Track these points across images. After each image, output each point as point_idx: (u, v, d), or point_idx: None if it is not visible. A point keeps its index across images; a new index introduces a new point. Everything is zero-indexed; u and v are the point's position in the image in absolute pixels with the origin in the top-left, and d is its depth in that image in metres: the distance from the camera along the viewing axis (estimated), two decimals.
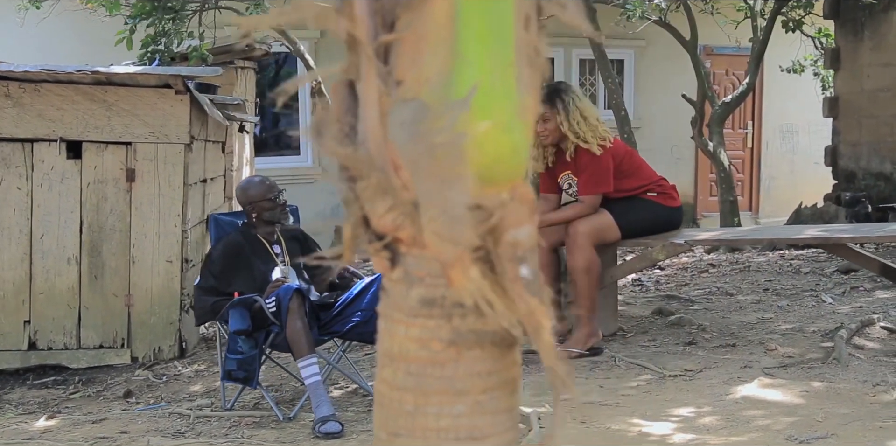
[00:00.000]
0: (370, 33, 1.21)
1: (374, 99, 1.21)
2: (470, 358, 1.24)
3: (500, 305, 1.18)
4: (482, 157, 1.18)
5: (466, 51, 1.18)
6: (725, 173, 10.22)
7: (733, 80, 12.87)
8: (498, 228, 1.19)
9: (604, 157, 4.56)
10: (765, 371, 4.09)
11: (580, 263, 4.51)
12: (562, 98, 4.58)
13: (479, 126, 1.17)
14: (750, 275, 7.03)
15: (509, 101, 1.20)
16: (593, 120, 4.56)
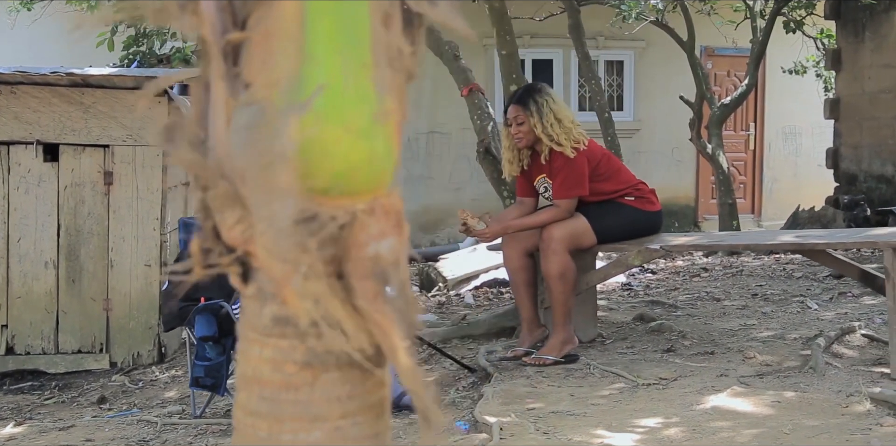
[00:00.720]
0: (217, 31, 1.12)
1: (221, 102, 1.13)
2: (327, 380, 1.15)
3: (350, 325, 1.10)
4: (334, 165, 1.10)
5: (315, 51, 1.09)
6: (724, 176, 10.12)
7: (735, 81, 12.74)
8: (352, 242, 1.11)
9: (578, 160, 4.47)
10: (740, 380, 3.99)
11: (554, 269, 4.42)
12: (535, 99, 4.49)
13: (329, 132, 1.08)
14: (741, 279, 6.92)
15: (365, 104, 1.11)
16: (567, 122, 4.47)
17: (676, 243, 4.49)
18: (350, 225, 1.10)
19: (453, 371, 4.77)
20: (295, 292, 1.04)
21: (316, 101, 1.08)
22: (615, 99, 12.55)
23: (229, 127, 1.11)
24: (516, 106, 4.55)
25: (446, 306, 6.77)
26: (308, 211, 1.03)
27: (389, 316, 1.12)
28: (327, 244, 1.10)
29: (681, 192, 12.82)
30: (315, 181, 1.10)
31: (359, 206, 1.11)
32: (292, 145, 1.01)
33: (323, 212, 1.05)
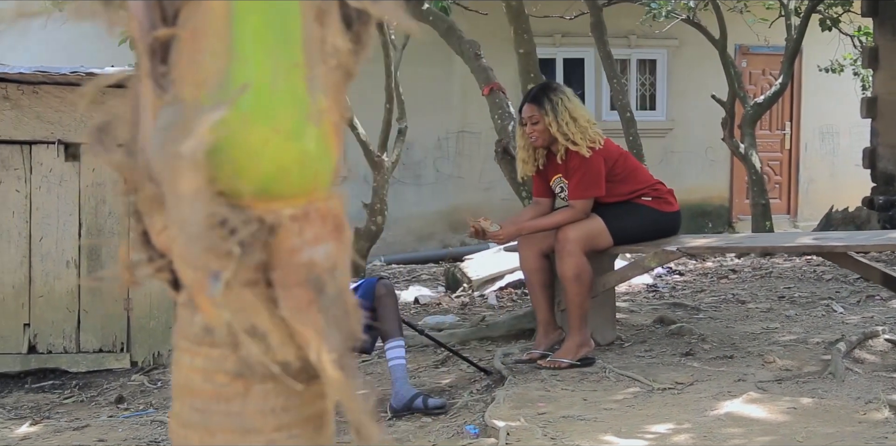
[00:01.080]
0: (144, 28, 1.08)
1: (148, 101, 1.09)
2: (260, 391, 1.10)
3: (276, 337, 1.05)
4: (262, 167, 1.05)
5: (242, 48, 1.05)
6: (757, 176, 9.98)
7: (770, 79, 12.56)
8: (282, 248, 1.06)
9: (595, 160, 4.39)
10: (757, 385, 3.90)
11: (569, 271, 4.35)
12: (550, 98, 4.42)
13: (257, 132, 1.04)
14: (770, 281, 6.81)
15: (295, 104, 1.06)
16: (583, 121, 4.40)
17: (693, 245, 4.41)
18: (279, 230, 1.05)
19: (469, 373, 4.72)
20: (209, 300, 1.00)
21: (242, 100, 1.03)
22: (648, 98, 12.44)
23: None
24: (531, 105, 4.48)
25: (469, 307, 6.73)
26: (219, 215, 0.98)
27: (318, 326, 1.07)
28: (256, 250, 1.06)
29: (714, 193, 12.67)
30: (243, 183, 1.05)
31: (289, 210, 1.06)
32: (201, 146, 0.97)
33: (238, 217, 1.00)
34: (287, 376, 1.10)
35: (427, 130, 11.37)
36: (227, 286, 1.02)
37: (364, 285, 4.37)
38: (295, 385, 1.09)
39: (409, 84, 10.37)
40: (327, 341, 1.10)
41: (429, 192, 11.54)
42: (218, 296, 1.00)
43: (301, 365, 1.12)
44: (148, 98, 1.09)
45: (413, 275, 9.27)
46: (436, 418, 4.06)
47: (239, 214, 1.00)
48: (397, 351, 4.28)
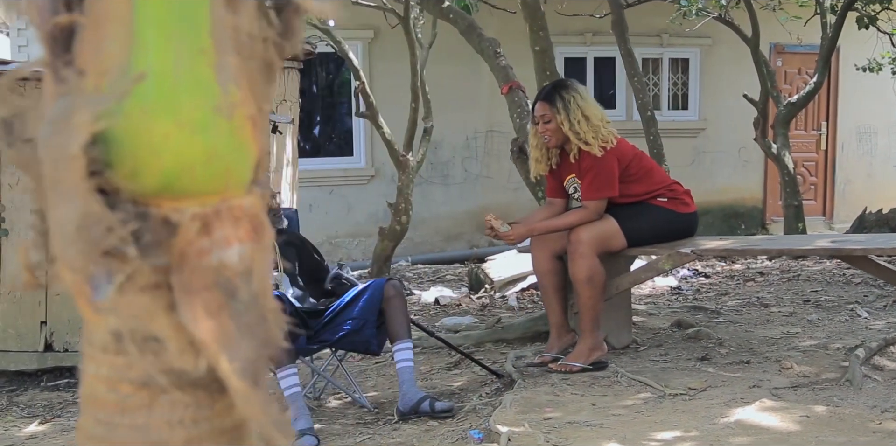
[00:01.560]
0: (45, 14, 1.02)
1: (49, 93, 1.02)
2: (167, 402, 1.03)
3: (175, 344, 0.98)
4: (164, 164, 0.98)
5: (144, 35, 0.98)
6: (790, 176, 9.80)
7: (806, 79, 12.33)
8: (188, 249, 0.99)
9: (608, 160, 4.29)
10: (772, 392, 3.79)
11: (582, 273, 4.26)
12: (562, 96, 4.33)
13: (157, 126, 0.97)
14: (797, 284, 6.66)
15: (201, 95, 0.99)
16: (596, 120, 4.30)
17: (708, 247, 4.29)
18: (181, 230, 0.98)
19: (482, 376, 4.65)
20: (91, 305, 0.93)
21: (141, 90, 0.96)
22: (680, 98, 12.27)
23: None
24: (543, 103, 4.40)
25: (489, 308, 6.65)
26: (96, 213, 0.91)
27: (226, 332, 1.00)
28: (157, 251, 0.99)
29: (747, 194, 12.48)
30: (144, 180, 0.98)
31: (193, 209, 0.99)
32: (80, 139, 0.90)
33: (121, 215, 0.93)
34: (191, 385, 1.03)
35: (455, 130, 11.30)
36: (120, 290, 0.95)
37: (372, 286, 4.31)
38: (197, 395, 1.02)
39: (436, 83, 10.31)
40: (235, 349, 1.03)
41: (457, 192, 11.46)
42: (104, 300, 0.93)
43: (212, 375, 1.05)
44: (48, 89, 1.02)
45: (438, 275, 9.20)
46: (442, 421, 3.98)
47: (121, 213, 0.93)
48: (405, 354, 4.21)
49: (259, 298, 1.07)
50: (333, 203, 11.02)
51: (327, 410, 4.49)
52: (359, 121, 10.85)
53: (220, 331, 0.99)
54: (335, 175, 11.03)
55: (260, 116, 1.09)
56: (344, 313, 4.29)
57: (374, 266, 9.10)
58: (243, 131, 1.05)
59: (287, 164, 8.06)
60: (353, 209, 11.07)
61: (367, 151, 11.13)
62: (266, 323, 1.07)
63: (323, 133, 11.55)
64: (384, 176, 10.92)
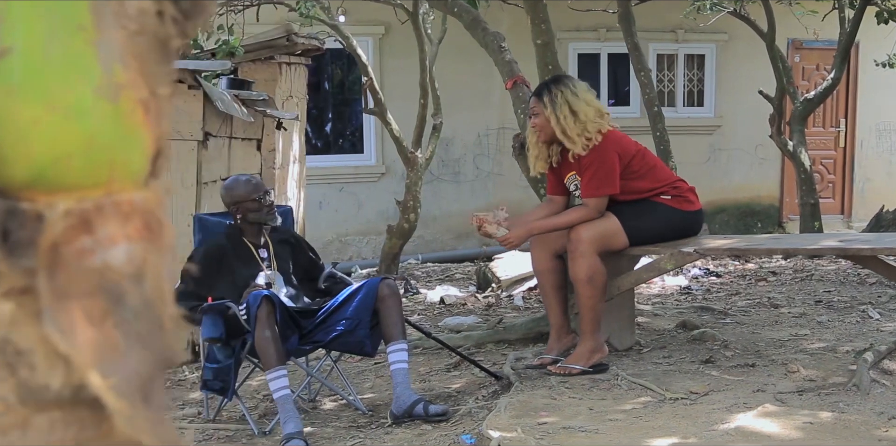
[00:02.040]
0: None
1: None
2: (44, 422, 0.93)
3: (42, 357, 0.87)
4: (34, 153, 0.87)
5: (11, 7, 0.87)
6: (806, 174, 9.63)
7: (824, 75, 12.13)
8: (65, 250, 0.88)
9: (609, 156, 4.17)
10: (777, 396, 3.65)
11: (582, 272, 4.13)
12: (550, 91, 4.21)
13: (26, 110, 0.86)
14: (810, 284, 6.51)
15: (80, 75, 0.88)
16: (584, 116, 4.17)
17: (712, 246, 4.15)
18: (51, 227, 0.87)
19: (481, 378, 4.53)
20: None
21: (6, 69, 0.85)
22: (695, 94, 12.10)
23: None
24: (534, 97, 4.28)
25: (494, 308, 6.53)
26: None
27: (108, 343, 0.89)
28: (29, 252, 0.88)
29: (764, 192, 12.30)
30: (10, 171, 0.87)
31: (66, 204, 0.88)
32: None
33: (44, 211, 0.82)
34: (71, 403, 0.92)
35: (467, 127, 11.18)
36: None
37: (367, 286, 4.20)
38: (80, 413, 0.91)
39: (449, 80, 10.20)
40: (119, 362, 0.91)
41: (468, 190, 11.34)
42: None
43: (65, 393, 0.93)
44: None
45: (447, 273, 9.09)
46: (436, 425, 3.87)
47: (48, 208, 0.82)
48: (399, 355, 4.10)
49: (153, 304, 0.95)
50: (343, 200, 10.93)
51: (321, 412, 4.39)
52: (370, 119, 10.75)
53: (103, 342, 0.88)
54: (345, 172, 10.94)
55: (155, 100, 0.97)
56: (337, 313, 4.18)
57: (383, 264, 9.00)
58: (132, 117, 0.93)
59: (294, 161, 7.97)
60: (364, 207, 10.97)
61: (377, 148, 11.03)
62: (162, 331, 0.96)
63: (334, 130, 11.46)
64: (395, 173, 10.81)
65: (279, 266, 4.37)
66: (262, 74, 7.36)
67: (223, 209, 5.09)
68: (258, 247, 4.38)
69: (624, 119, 9.24)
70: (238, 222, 4.37)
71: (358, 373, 5.05)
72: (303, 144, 8.38)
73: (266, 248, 4.39)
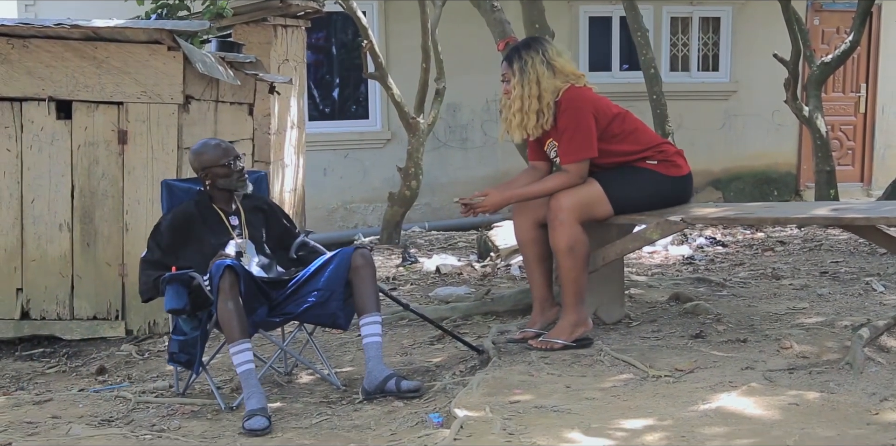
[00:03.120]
0: None
1: None
2: None
3: None
4: None
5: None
6: (822, 140, 9.33)
7: (845, 38, 11.76)
8: None
9: (584, 118, 3.92)
10: (765, 374, 3.45)
11: (563, 242, 3.92)
12: (520, 56, 3.99)
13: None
14: (818, 254, 6.27)
15: None
16: (549, 85, 3.94)
17: (699, 214, 3.92)
18: None
19: (463, 352, 4.35)
20: None
21: None
22: (710, 58, 11.78)
23: None
24: (504, 62, 4.06)
25: (490, 278, 6.34)
26: None
27: None
28: None
29: (781, 159, 12.00)
30: None
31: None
32: None
33: None
34: None
35: (475, 92, 10.93)
36: None
37: (339, 256, 4.01)
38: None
39: (455, 43, 9.93)
40: None
41: (475, 157, 11.11)
42: None
43: None
44: None
45: (450, 242, 8.90)
46: (408, 402, 3.70)
47: None
48: (372, 328, 3.92)
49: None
50: (348, 167, 10.73)
51: (296, 387, 4.23)
52: (375, 84, 10.51)
53: None
54: (351, 138, 10.73)
55: None
56: (308, 284, 3.99)
57: (385, 232, 8.82)
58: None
59: (292, 127, 7.76)
60: (369, 173, 10.77)
61: (382, 114, 10.79)
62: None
63: (340, 95, 11.23)
64: (401, 139, 10.57)
65: (251, 234, 4.18)
66: (257, 37, 7.14)
67: None
68: (229, 214, 4.19)
69: (638, 83, 8.97)
70: (207, 188, 4.18)
71: (340, 345, 4.89)
72: (301, 110, 8.17)
73: (237, 216, 4.20)
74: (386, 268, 7.03)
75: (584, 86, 4.04)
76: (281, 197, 7.07)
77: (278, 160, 7.24)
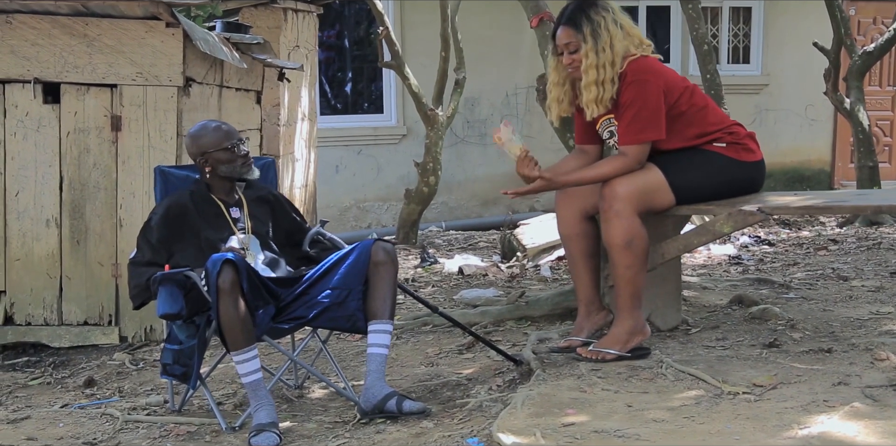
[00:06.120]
0: None
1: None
2: None
3: None
4: None
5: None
6: (865, 134, 8.78)
7: (882, 29, 11.21)
8: None
9: (652, 92, 3.38)
10: (865, 391, 2.91)
11: (618, 236, 3.38)
12: (590, 18, 3.43)
13: None
14: (879, 253, 5.72)
15: None
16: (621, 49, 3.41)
17: (779, 203, 3.38)
18: None
19: (497, 362, 3.82)
20: None
21: None
22: (740, 50, 11.24)
23: None
24: (566, 28, 3.49)
25: (518, 279, 5.80)
26: None
27: None
28: None
29: (814, 155, 11.44)
30: None
31: None
32: None
33: None
34: None
35: (494, 85, 10.41)
36: None
37: (358, 249, 3.47)
38: None
39: (474, 34, 9.44)
40: None
41: (495, 153, 10.55)
42: None
43: None
44: None
45: (470, 242, 8.37)
46: (438, 422, 3.16)
47: None
48: (380, 337, 3.38)
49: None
50: (362, 164, 10.21)
51: (307, 402, 3.70)
52: (390, 77, 9.99)
53: None
54: (364, 133, 10.21)
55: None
56: (321, 283, 3.46)
57: (401, 231, 8.30)
58: None
59: (303, 119, 7.24)
60: (383, 170, 10.25)
61: (398, 108, 10.27)
62: None
63: (353, 90, 10.72)
64: (417, 134, 10.05)
65: (255, 228, 3.65)
66: (265, 21, 6.62)
67: None
68: (230, 205, 3.65)
69: None
70: (207, 176, 3.65)
71: (357, 354, 4.36)
72: (313, 100, 7.66)
73: (239, 207, 3.67)
74: (404, 269, 6.50)
75: (650, 55, 3.50)
76: (291, 193, 6.54)
77: (288, 154, 6.71)
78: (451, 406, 3.34)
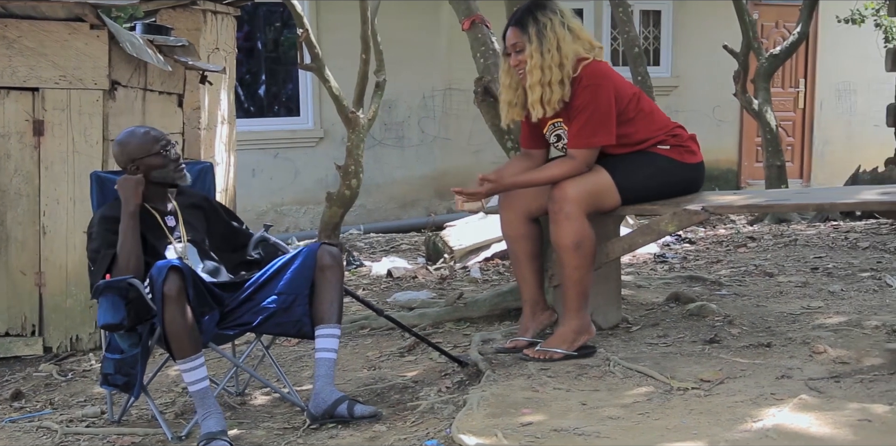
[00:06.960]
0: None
1: None
2: None
3: None
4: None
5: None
6: (772, 134, 9.04)
7: (784, 33, 11.57)
8: None
9: (605, 97, 3.42)
10: (809, 383, 3.00)
11: (568, 238, 3.41)
12: (537, 19, 3.46)
13: None
14: (796, 250, 5.89)
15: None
16: (569, 53, 3.44)
17: (722, 203, 3.47)
18: None
19: (441, 364, 3.82)
20: None
21: None
22: (651, 53, 11.44)
23: None
24: (514, 29, 3.52)
25: (449, 281, 5.82)
26: None
27: None
28: None
29: (722, 155, 11.73)
30: None
31: None
32: None
33: None
34: None
35: (411, 87, 10.41)
36: None
37: (304, 253, 3.44)
38: None
39: (390, 37, 9.40)
40: None
41: (413, 155, 10.58)
42: None
43: None
44: None
45: (392, 244, 8.35)
46: (391, 426, 3.15)
47: None
48: (328, 342, 3.35)
49: None
50: (279, 167, 10.11)
51: (251, 409, 3.65)
52: (306, 79, 9.92)
53: None
54: (280, 137, 10.11)
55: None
56: (267, 288, 3.41)
57: (322, 235, 8.22)
58: None
59: (222, 122, 7.12)
60: (301, 174, 10.16)
61: (315, 111, 10.20)
62: None
63: (268, 92, 10.60)
64: (334, 137, 10.01)
65: (191, 236, 3.58)
66: (184, 23, 6.50)
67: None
68: (164, 214, 3.57)
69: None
70: None
71: (295, 359, 4.31)
72: (232, 103, 7.54)
73: (174, 216, 3.59)
74: None
75: (601, 59, 3.55)
76: None
77: (209, 158, 6.60)
78: (402, 409, 3.33)
